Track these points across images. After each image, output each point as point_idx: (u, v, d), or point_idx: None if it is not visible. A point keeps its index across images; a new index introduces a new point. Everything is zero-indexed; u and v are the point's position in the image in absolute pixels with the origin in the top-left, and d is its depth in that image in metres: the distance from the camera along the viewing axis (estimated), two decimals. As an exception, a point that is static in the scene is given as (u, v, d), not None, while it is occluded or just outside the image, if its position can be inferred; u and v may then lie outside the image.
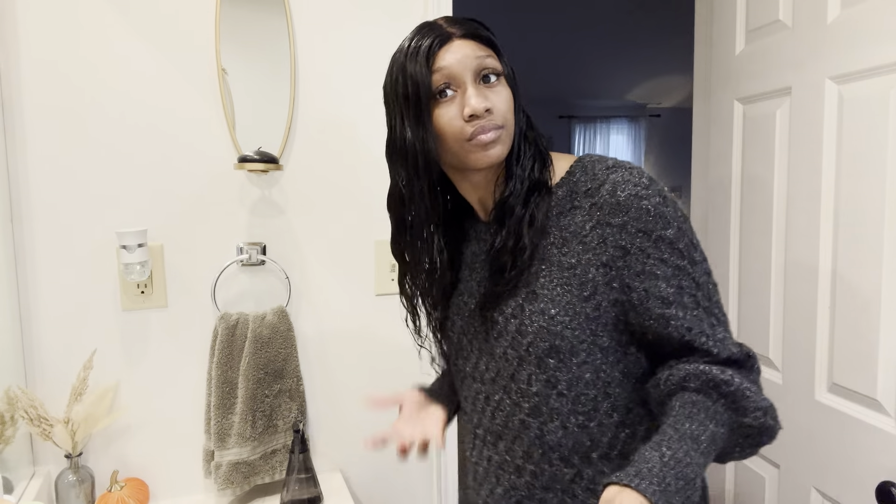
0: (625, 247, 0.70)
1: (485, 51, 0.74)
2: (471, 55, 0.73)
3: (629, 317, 0.72)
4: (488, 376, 0.80)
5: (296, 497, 1.23)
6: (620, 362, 0.75)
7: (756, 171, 1.39)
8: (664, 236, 0.69)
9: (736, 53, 1.46)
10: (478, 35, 0.74)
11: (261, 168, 1.24)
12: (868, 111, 1.07)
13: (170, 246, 1.27)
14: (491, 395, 0.80)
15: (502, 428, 0.79)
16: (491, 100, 0.73)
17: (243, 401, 1.24)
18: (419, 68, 0.72)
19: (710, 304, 0.72)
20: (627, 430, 0.76)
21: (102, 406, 1.20)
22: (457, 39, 0.73)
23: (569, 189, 0.76)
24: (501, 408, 0.79)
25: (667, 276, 0.70)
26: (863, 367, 1.10)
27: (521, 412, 0.77)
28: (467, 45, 0.73)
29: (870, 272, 1.07)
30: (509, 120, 0.75)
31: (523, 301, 0.75)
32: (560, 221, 0.75)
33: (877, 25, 1.05)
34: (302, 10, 1.31)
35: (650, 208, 0.69)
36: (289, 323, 1.31)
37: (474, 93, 0.72)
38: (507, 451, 0.79)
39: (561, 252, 0.73)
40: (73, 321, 1.22)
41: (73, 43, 1.19)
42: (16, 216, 1.18)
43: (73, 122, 1.20)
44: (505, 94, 0.75)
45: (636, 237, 0.69)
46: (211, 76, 1.26)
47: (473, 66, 0.73)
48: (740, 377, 0.69)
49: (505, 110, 0.74)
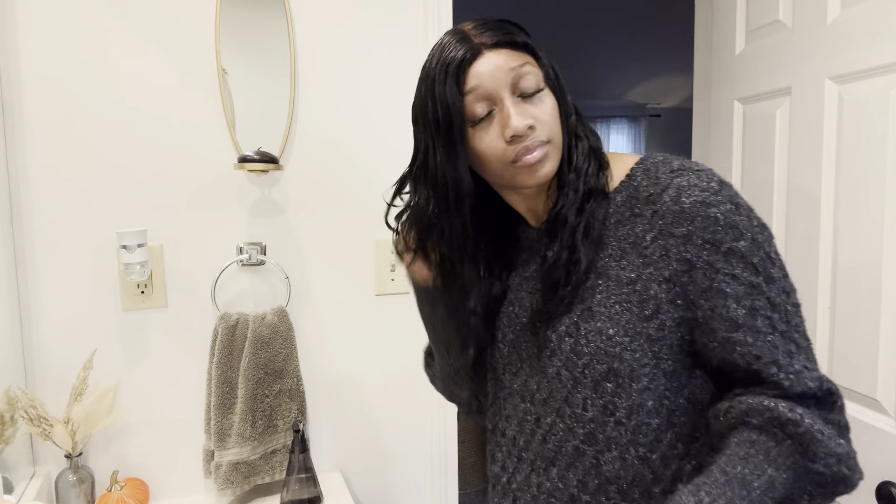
0: (690, 260, 0.63)
1: (521, 58, 0.67)
2: (505, 67, 0.66)
3: (694, 336, 0.65)
4: (539, 397, 0.73)
5: (296, 497, 1.23)
6: (686, 388, 0.67)
7: (756, 171, 1.39)
8: (735, 249, 0.62)
9: (736, 53, 1.46)
10: (512, 42, 0.67)
11: (261, 168, 1.24)
12: (868, 111, 1.07)
13: (170, 246, 1.27)
14: (542, 417, 0.72)
15: (555, 454, 0.71)
16: (533, 114, 0.66)
17: (243, 401, 1.24)
18: (450, 91, 0.66)
19: (788, 328, 0.62)
20: (693, 461, 0.67)
21: (102, 406, 1.20)
22: (487, 52, 0.66)
23: (628, 195, 0.69)
24: (554, 432, 0.71)
25: (737, 295, 0.62)
26: (863, 367, 1.10)
27: (576, 438, 0.69)
28: (500, 56, 0.66)
29: (870, 272, 1.07)
30: (556, 131, 0.68)
31: (578, 319, 0.68)
32: (618, 231, 0.68)
33: (877, 25, 1.05)
34: (302, 10, 1.31)
35: (719, 217, 0.62)
36: (289, 323, 1.31)
37: (514, 110, 0.65)
38: (560, 478, 0.71)
39: (619, 265, 0.67)
40: (73, 321, 1.22)
41: (73, 43, 1.19)
42: (16, 216, 1.18)
43: (73, 123, 1.20)
44: (548, 104, 0.68)
45: (703, 249, 0.62)
46: (211, 76, 1.26)
47: (509, 80, 0.66)
48: (812, 417, 0.59)
49: (550, 122, 0.67)
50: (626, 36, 4.10)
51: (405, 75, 1.39)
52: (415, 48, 1.39)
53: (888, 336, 1.04)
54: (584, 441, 0.68)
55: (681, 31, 2.38)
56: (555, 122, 0.68)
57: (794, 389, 0.61)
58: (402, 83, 1.40)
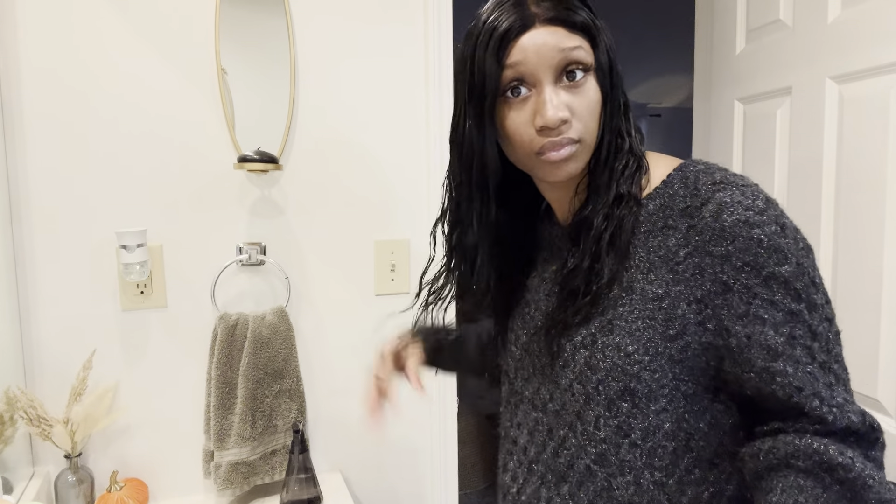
0: (726, 282, 0.58)
1: (574, 40, 0.61)
2: (554, 47, 0.60)
3: (724, 364, 0.59)
4: (552, 407, 0.68)
5: (295, 497, 1.22)
6: (707, 412, 0.62)
7: (756, 171, 1.39)
8: (778, 274, 0.56)
9: (736, 53, 1.46)
10: (569, 20, 0.60)
11: (260, 168, 1.24)
12: (868, 111, 1.07)
13: (169, 246, 1.27)
14: (555, 429, 0.68)
15: (566, 469, 0.66)
16: (572, 106, 0.61)
17: (243, 401, 1.24)
18: (489, 59, 0.61)
19: (829, 359, 0.57)
20: (712, 488, 0.63)
21: (102, 406, 1.20)
22: (540, 25, 0.60)
23: (663, 203, 0.63)
24: (566, 447, 0.66)
25: (776, 323, 0.56)
26: (863, 367, 1.09)
27: (587, 457, 0.65)
28: (552, 34, 0.60)
29: (870, 272, 1.07)
30: (590, 129, 0.63)
31: (596, 331, 0.63)
32: (648, 242, 0.62)
33: (877, 25, 1.05)
34: (301, 10, 1.31)
35: (763, 239, 0.56)
36: (288, 323, 1.31)
37: (551, 97, 0.60)
38: (570, 496, 0.66)
39: (646, 279, 0.61)
40: (73, 321, 1.22)
41: (72, 42, 1.18)
42: (16, 216, 1.18)
43: (73, 123, 1.20)
44: (591, 97, 0.62)
45: (742, 272, 0.57)
46: (211, 76, 1.26)
47: (556, 62, 0.60)
48: (862, 461, 0.54)
49: (587, 118, 0.62)
50: (626, 36, 4.10)
51: (405, 75, 1.39)
52: (415, 48, 1.39)
53: (888, 336, 1.04)
54: (596, 462, 0.64)
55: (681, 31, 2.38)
56: (592, 119, 0.63)
57: (838, 424, 0.56)
58: (403, 83, 1.40)
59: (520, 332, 0.75)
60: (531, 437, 0.72)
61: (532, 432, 0.72)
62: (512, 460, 0.75)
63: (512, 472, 0.75)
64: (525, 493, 0.73)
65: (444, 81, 1.40)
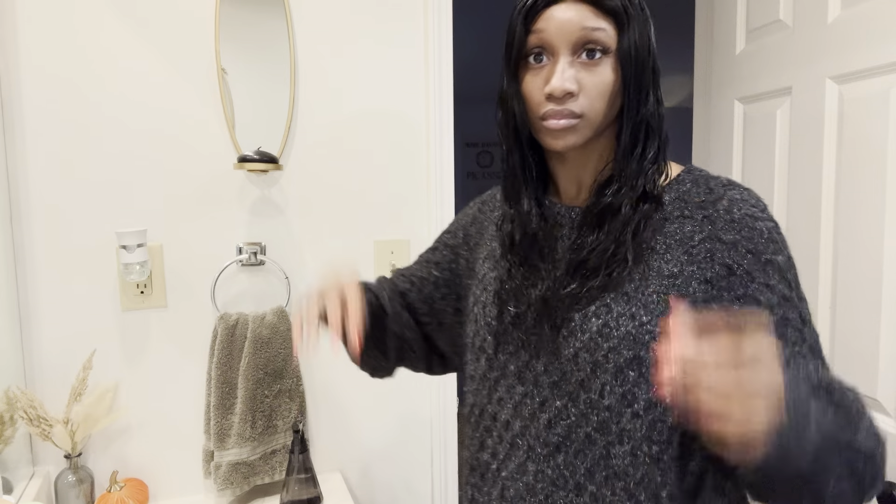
0: (730, 266, 0.64)
1: (600, 21, 0.64)
2: (577, 23, 0.64)
3: None
4: (547, 379, 0.70)
5: (295, 497, 1.22)
6: None
7: (756, 171, 1.39)
8: (774, 261, 0.64)
9: (736, 53, 1.46)
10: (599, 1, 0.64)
11: (260, 168, 1.24)
12: (868, 111, 1.07)
13: (169, 246, 1.27)
14: (549, 400, 0.70)
15: (562, 439, 0.68)
16: (583, 81, 0.65)
17: (243, 401, 1.24)
18: (520, 23, 0.66)
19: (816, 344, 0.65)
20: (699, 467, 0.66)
21: (102, 406, 1.20)
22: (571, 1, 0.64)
23: (678, 196, 0.70)
24: (563, 416, 0.68)
25: (771, 304, 0.63)
26: (863, 367, 1.09)
27: (589, 425, 0.67)
28: (579, 10, 0.64)
29: (870, 272, 1.07)
30: (597, 109, 0.66)
31: (611, 301, 0.66)
32: (665, 227, 0.68)
33: (877, 25, 1.05)
34: (302, 10, 1.31)
35: (764, 230, 0.65)
36: (288, 323, 1.31)
37: (563, 68, 0.64)
38: (566, 465, 0.68)
39: (663, 259, 0.67)
40: (73, 321, 1.22)
41: (72, 43, 1.18)
42: (16, 216, 1.18)
43: (73, 122, 1.20)
44: (604, 79, 0.65)
45: (745, 257, 0.64)
46: (211, 76, 1.26)
47: (575, 38, 0.64)
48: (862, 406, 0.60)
49: (594, 97, 0.66)
50: (627, 36, 4.09)
51: (405, 75, 1.39)
52: (414, 47, 1.39)
53: (888, 336, 1.04)
54: (597, 429, 0.66)
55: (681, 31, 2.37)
56: (600, 100, 0.66)
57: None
58: (403, 82, 1.40)
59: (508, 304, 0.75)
60: (515, 410, 0.73)
61: (517, 406, 0.72)
62: (491, 437, 0.76)
63: (492, 449, 0.75)
64: (506, 468, 0.73)
65: (444, 82, 1.40)
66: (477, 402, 0.79)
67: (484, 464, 0.77)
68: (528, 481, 0.71)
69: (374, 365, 0.90)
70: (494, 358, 0.76)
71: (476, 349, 0.79)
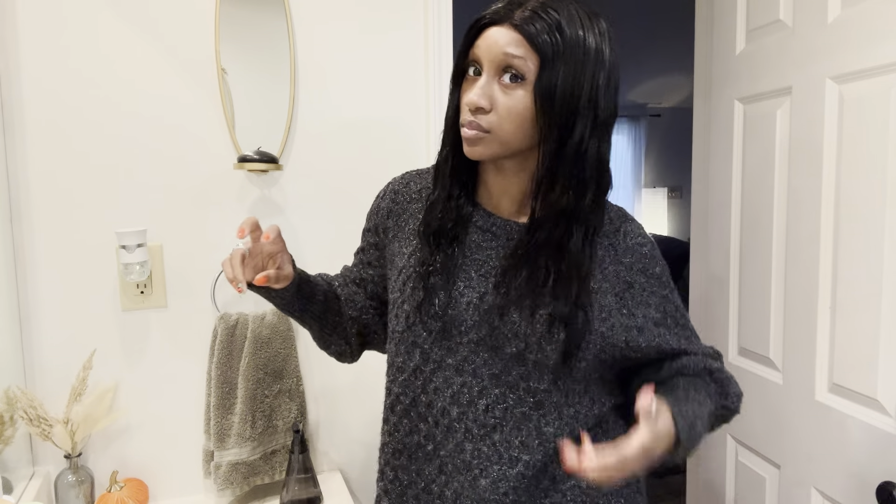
0: (630, 282, 0.83)
1: (525, 53, 0.70)
2: (501, 47, 0.70)
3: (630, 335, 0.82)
4: (487, 371, 0.79)
5: (295, 497, 1.23)
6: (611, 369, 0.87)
7: (756, 171, 1.39)
8: (654, 273, 0.85)
9: (736, 53, 1.46)
10: (531, 35, 0.69)
11: (261, 168, 1.24)
12: (868, 111, 1.07)
13: (169, 246, 1.27)
14: (487, 389, 0.79)
15: (499, 420, 0.79)
16: (497, 100, 0.72)
17: (243, 401, 1.24)
18: (466, 38, 0.75)
19: (686, 321, 0.88)
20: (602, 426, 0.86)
21: (102, 406, 1.20)
22: (507, 26, 0.70)
23: None
24: (501, 402, 0.79)
25: (657, 304, 0.85)
26: (863, 367, 1.09)
27: (525, 406, 0.80)
28: (510, 36, 0.70)
29: (870, 272, 1.07)
30: (506, 129, 0.73)
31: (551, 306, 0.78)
32: None
33: (877, 25, 1.05)
34: (302, 11, 1.31)
35: (647, 252, 0.84)
36: (288, 323, 1.31)
37: (483, 85, 0.72)
38: (502, 441, 0.79)
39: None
40: (73, 321, 1.22)
41: (73, 42, 1.18)
42: (16, 216, 1.18)
43: (73, 123, 1.20)
44: (517, 103, 0.71)
45: (638, 274, 0.83)
46: (211, 76, 1.26)
47: (497, 59, 0.71)
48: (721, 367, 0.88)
49: (504, 117, 0.72)
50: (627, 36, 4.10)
51: (405, 75, 1.39)
52: (415, 48, 1.39)
53: (888, 336, 1.04)
54: (533, 408, 0.80)
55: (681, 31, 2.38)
56: (509, 122, 0.72)
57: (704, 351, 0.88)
58: (403, 83, 1.40)
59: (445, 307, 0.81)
60: (454, 399, 0.81)
61: (456, 395, 0.81)
62: (424, 423, 0.84)
63: (426, 433, 0.84)
64: (445, 448, 0.82)
65: (444, 81, 1.40)
66: (406, 391, 0.85)
67: (414, 446, 0.85)
68: (465, 458, 0.80)
69: (337, 350, 0.96)
70: (430, 352, 0.82)
71: (409, 343, 0.84)
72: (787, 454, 1.30)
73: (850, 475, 1.13)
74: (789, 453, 1.29)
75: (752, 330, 1.41)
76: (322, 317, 0.90)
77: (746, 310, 1.44)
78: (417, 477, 0.85)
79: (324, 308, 0.90)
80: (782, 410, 1.30)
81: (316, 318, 0.90)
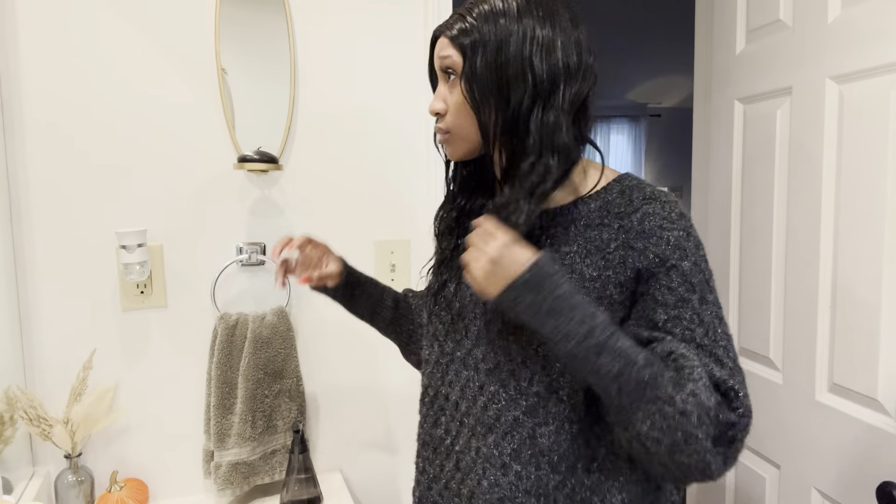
0: (639, 269, 0.71)
1: (449, 49, 0.75)
2: (438, 53, 0.77)
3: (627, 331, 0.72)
4: (485, 366, 0.79)
5: (295, 497, 1.23)
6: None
7: (756, 171, 1.39)
8: (678, 266, 0.70)
9: (736, 53, 1.46)
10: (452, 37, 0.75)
11: (261, 168, 1.24)
12: (868, 111, 1.07)
13: (169, 246, 1.27)
14: (486, 385, 0.78)
15: (494, 421, 0.77)
16: (448, 101, 0.77)
17: (243, 401, 1.24)
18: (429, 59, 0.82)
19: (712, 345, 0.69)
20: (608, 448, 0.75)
21: (102, 406, 1.20)
22: (441, 36, 0.77)
23: (601, 205, 0.75)
24: (496, 400, 0.77)
25: (666, 303, 0.70)
26: (863, 367, 1.09)
27: (517, 409, 0.76)
28: (441, 44, 0.77)
29: (870, 272, 1.07)
30: (459, 124, 0.77)
31: None
32: (587, 233, 0.74)
33: (877, 25, 1.05)
34: (302, 10, 1.31)
35: (671, 238, 0.71)
36: (288, 323, 1.31)
37: (439, 91, 0.79)
38: (495, 445, 0.77)
39: (584, 263, 0.73)
40: (73, 321, 1.22)
41: (72, 43, 1.18)
42: (16, 216, 1.18)
43: (73, 123, 1.20)
44: (458, 97, 0.76)
45: (652, 263, 0.71)
46: (211, 76, 1.26)
47: (438, 65, 0.78)
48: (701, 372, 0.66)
49: (454, 113, 0.77)
50: (626, 36, 4.10)
51: (405, 75, 1.39)
52: (414, 48, 1.39)
53: (888, 336, 1.04)
54: (526, 413, 0.75)
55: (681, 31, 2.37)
56: (458, 116, 0.76)
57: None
58: (403, 82, 1.40)
59: (452, 299, 0.85)
60: (462, 393, 0.82)
61: (464, 389, 0.81)
62: (444, 416, 0.85)
63: (445, 426, 0.85)
64: (458, 444, 0.82)
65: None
66: (432, 383, 0.87)
67: (437, 439, 0.86)
68: (472, 456, 0.80)
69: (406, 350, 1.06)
70: (445, 345, 0.85)
71: (430, 336, 0.89)
72: (787, 454, 1.30)
73: (849, 475, 1.13)
74: (789, 453, 1.29)
75: (752, 330, 1.41)
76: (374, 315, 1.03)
77: (746, 310, 1.44)
78: (440, 471, 0.85)
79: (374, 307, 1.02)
80: (782, 410, 1.30)
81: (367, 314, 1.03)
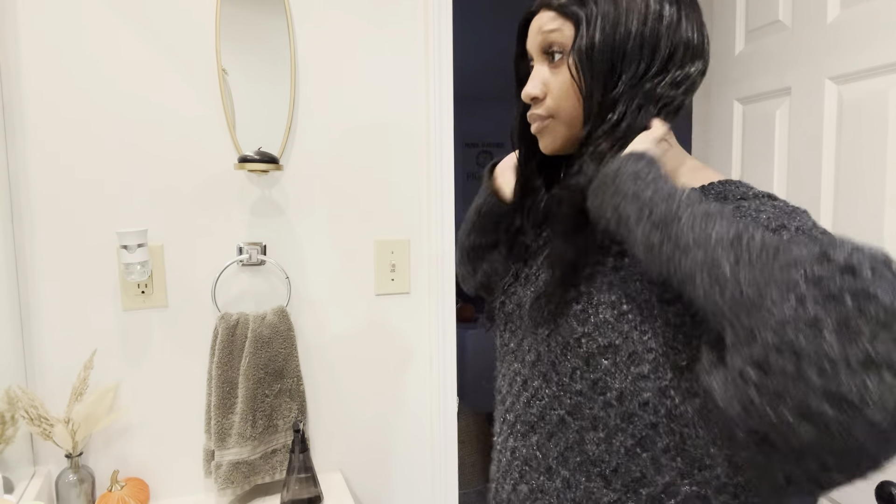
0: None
1: (556, 22, 0.66)
2: (538, 30, 0.68)
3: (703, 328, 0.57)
4: (529, 358, 0.71)
5: (296, 497, 1.23)
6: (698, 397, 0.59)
7: (756, 171, 1.39)
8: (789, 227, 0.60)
9: (736, 53, 1.46)
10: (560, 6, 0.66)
11: (261, 168, 1.24)
12: (868, 111, 1.08)
13: (170, 246, 1.27)
14: (529, 379, 0.71)
15: (537, 419, 0.69)
16: (549, 84, 0.68)
17: (243, 400, 1.24)
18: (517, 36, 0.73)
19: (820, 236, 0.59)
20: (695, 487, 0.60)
21: (103, 406, 1.20)
22: (542, 11, 0.68)
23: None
24: (539, 397, 0.69)
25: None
26: (862, 366, 1.09)
27: (562, 408, 0.66)
28: (543, 18, 0.68)
29: (869, 272, 1.07)
30: (564, 107, 0.68)
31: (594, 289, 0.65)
32: None
33: (877, 25, 1.05)
34: (302, 11, 1.31)
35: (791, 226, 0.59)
36: (289, 323, 1.32)
37: (535, 74, 0.69)
38: (538, 446, 0.69)
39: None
40: (74, 321, 1.22)
41: (72, 42, 1.19)
42: (16, 216, 1.18)
43: (74, 123, 1.20)
44: (564, 78, 0.66)
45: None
46: (211, 76, 1.26)
47: (538, 43, 0.68)
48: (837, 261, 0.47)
49: (559, 97, 0.67)
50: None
51: (406, 74, 1.40)
52: (415, 47, 1.39)
53: (888, 336, 1.04)
54: (571, 413, 0.66)
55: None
56: (565, 99, 0.67)
57: None
58: (403, 83, 1.40)
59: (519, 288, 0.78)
60: (510, 386, 0.75)
61: (511, 382, 0.75)
62: (497, 411, 0.80)
63: (502, 419, 0.78)
64: (499, 444, 0.77)
65: (444, 80, 1.40)
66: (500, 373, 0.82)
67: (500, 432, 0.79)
68: (507, 458, 0.73)
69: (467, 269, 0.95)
70: (504, 336, 0.80)
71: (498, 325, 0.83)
72: (787, 454, 1.30)
73: (849, 475, 1.13)
74: (789, 453, 1.29)
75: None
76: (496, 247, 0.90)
77: (746, 310, 1.44)
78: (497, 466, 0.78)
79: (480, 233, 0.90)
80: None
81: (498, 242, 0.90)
